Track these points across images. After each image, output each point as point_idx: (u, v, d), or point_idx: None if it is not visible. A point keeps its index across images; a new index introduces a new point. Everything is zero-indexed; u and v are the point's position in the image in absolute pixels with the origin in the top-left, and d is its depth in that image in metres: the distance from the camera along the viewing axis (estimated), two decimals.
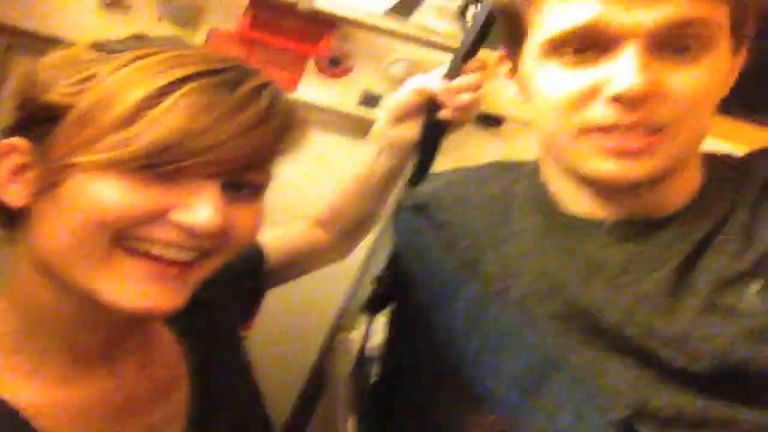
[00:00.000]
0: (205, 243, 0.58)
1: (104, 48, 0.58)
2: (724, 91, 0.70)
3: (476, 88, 0.92)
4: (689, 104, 0.62)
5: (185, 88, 0.53)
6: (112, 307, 0.55)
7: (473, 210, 0.84)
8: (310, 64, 1.25)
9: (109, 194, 0.53)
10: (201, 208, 0.55)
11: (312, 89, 1.26)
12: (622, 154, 0.63)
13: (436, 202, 0.87)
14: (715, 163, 0.73)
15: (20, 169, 0.57)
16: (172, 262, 0.56)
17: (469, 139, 1.32)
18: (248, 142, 0.56)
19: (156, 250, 0.55)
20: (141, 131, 0.52)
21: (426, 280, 0.85)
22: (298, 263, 1.00)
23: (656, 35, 0.61)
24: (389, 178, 0.98)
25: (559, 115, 0.67)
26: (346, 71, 1.26)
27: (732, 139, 1.11)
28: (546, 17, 0.66)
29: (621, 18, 0.61)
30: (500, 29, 0.76)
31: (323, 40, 1.20)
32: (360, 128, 1.18)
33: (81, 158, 0.53)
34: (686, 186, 0.70)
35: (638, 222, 0.70)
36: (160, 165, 0.53)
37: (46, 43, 1.16)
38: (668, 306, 0.66)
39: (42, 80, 0.56)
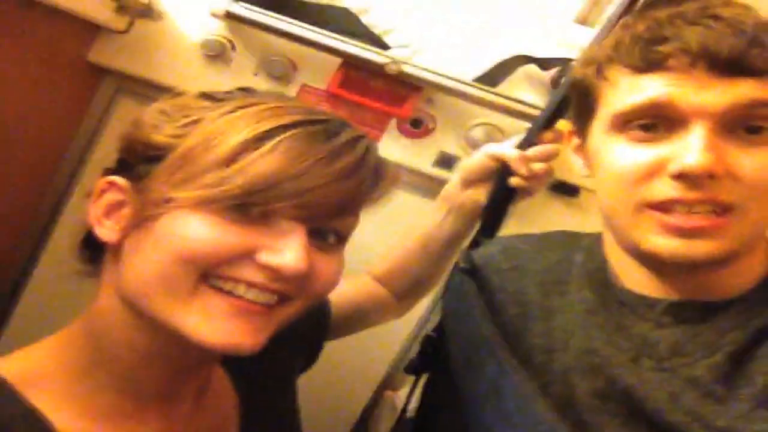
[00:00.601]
0: (288, 287, 0.59)
1: (212, 97, 0.63)
2: None
3: (549, 158, 0.94)
4: (758, 186, 0.62)
5: (284, 135, 0.56)
6: (197, 343, 0.56)
7: (528, 278, 0.84)
8: (392, 123, 1.30)
9: (200, 231, 0.55)
10: (288, 251, 0.57)
11: (391, 147, 1.31)
12: (682, 232, 0.63)
13: (491, 266, 0.88)
14: None
15: (117, 206, 0.61)
16: (253, 303, 0.58)
17: (544, 207, 1.33)
18: (340, 190, 0.58)
19: (240, 290, 0.57)
20: (238, 172, 0.55)
21: (463, 344, 0.84)
22: (360, 318, 1.00)
23: (725, 117, 0.61)
24: (453, 240, 1.00)
25: (621, 189, 0.67)
26: (426, 132, 1.30)
27: None
28: (618, 92, 0.67)
29: (691, 98, 0.62)
30: (573, 104, 0.79)
31: (407, 102, 1.24)
32: (433, 189, 1.20)
33: (178, 194, 0.56)
34: (749, 270, 0.69)
35: (695, 304, 0.69)
36: (252, 205, 0.56)
37: (152, 88, 1.28)
38: (720, 394, 0.63)
39: (150, 122, 0.60)
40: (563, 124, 0.93)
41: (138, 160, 0.60)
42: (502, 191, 0.96)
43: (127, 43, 1.27)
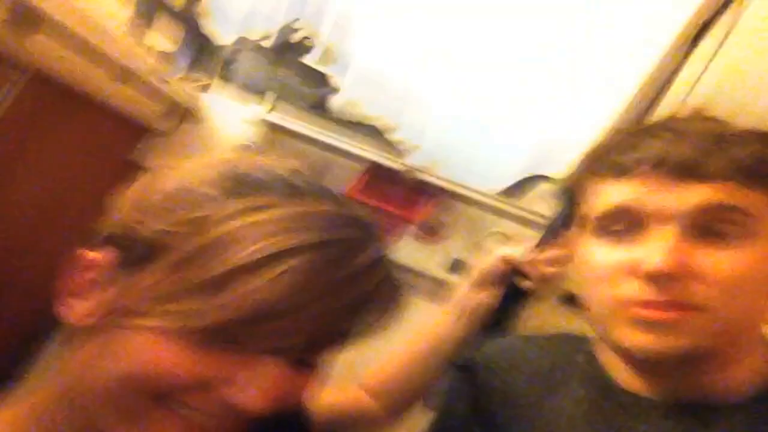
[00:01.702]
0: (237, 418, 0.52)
1: (224, 185, 0.52)
2: None
3: (560, 262, 0.97)
4: (726, 287, 0.63)
5: (293, 262, 0.48)
6: None
7: (525, 378, 0.84)
8: (408, 230, 1.37)
9: (166, 356, 0.48)
10: (252, 390, 0.50)
11: (404, 251, 1.37)
12: (653, 326, 0.64)
13: (490, 365, 0.88)
14: None
15: (93, 287, 0.53)
16: (210, 425, 0.51)
17: (556, 318, 1.35)
18: (336, 326, 0.51)
19: (195, 416, 0.51)
20: (229, 302, 0.47)
21: None
22: (342, 428, 0.93)
23: (691, 220, 0.64)
24: (463, 345, 0.98)
25: (600, 289, 0.69)
26: (441, 238, 1.36)
27: None
28: (595, 199, 0.72)
29: (656, 201, 0.66)
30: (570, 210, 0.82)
31: (424, 207, 1.32)
32: (446, 294, 1.24)
33: (154, 310, 0.48)
34: (749, 374, 0.69)
35: (696, 406, 0.69)
36: (231, 339, 0.48)
37: None
38: None
39: (152, 208, 0.52)
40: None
41: (131, 247, 0.52)
42: (513, 294, 0.99)
43: (169, 145, 1.37)
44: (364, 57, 1.58)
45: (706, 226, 0.64)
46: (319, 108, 1.48)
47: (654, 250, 0.64)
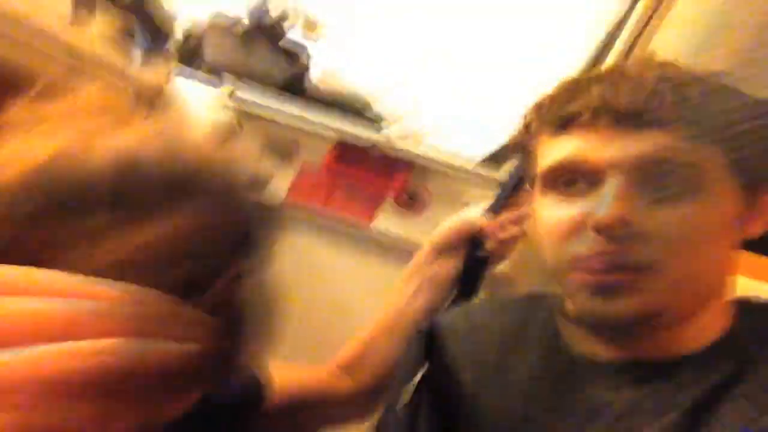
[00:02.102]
0: None
1: None
2: (746, 232, 0.68)
3: (521, 221, 0.95)
4: (674, 244, 0.62)
5: None
6: None
7: (487, 338, 0.83)
8: (388, 200, 1.36)
9: None
10: None
11: (386, 221, 1.36)
12: (603, 290, 0.63)
13: (451, 329, 0.85)
14: (750, 309, 0.70)
15: None
16: None
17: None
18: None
19: None
20: None
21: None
22: (310, 411, 0.90)
23: (636, 171, 0.62)
24: (426, 316, 0.95)
25: (553, 246, 0.68)
26: (421, 208, 1.35)
27: None
28: (542, 153, 0.70)
29: (600, 153, 0.63)
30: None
31: (400, 177, 1.31)
32: None
33: None
34: (705, 329, 0.67)
35: (647, 364, 0.67)
36: None
37: None
38: None
39: None
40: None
41: None
42: (475, 258, 0.97)
43: None
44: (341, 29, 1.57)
45: (652, 178, 0.62)
46: (293, 89, 1.47)
47: (598, 202, 0.62)
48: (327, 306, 1.39)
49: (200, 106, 1.37)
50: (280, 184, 1.38)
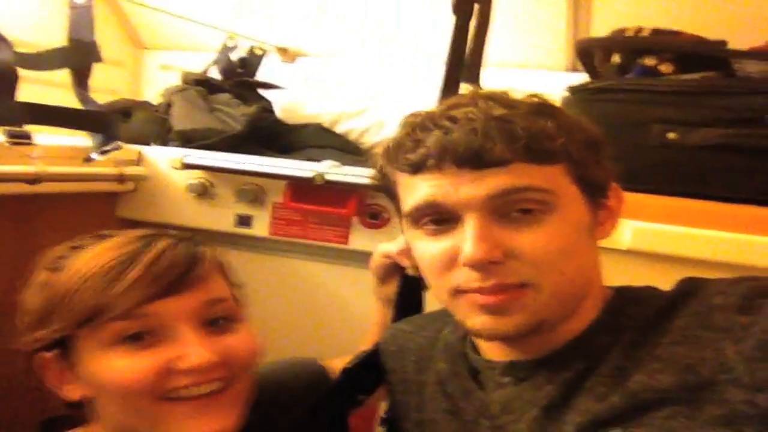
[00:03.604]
0: (216, 374, 0.72)
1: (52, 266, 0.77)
2: (599, 235, 0.74)
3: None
4: (543, 263, 0.67)
5: (95, 272, 0.71)
6: None
7: (407, 357, 0.93)
8: (355, 221, 1.45)
9: (118, 368, 0.69)
10: (192, 352, 0.70)
11: (360, 240, 1.45)
12: (488, 309, 0.69)
13: (384, 350, 0.98)
14: (622, 299, 0.75)
15: (62, 374, 0.75)
16: (206, 396, 0.70)
17: None
18: (162, 289, 0.71)
19: (190, 392, 0.70)
20: (76, 305, 0.70)
21: None
22: None
23: (488, 206, 0.67)
24: None
25: (433, 279, 0.74)
26: (384, 222, 1.43)
27: None
28: (402, 192, 0.75)
29: (451, 196, 0.68)
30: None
31: (352, 201, 1.40)
32: None
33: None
34: (572, 326, 0.73)
35: (526, 363, 0.75)
36: (133, 337, 0.70)
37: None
38: None
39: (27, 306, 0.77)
40: None
41: (60, 344, 0.74)
42: (406, 283, 1.06)
43: (137, 198, 1.59)
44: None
45: (509, 208, 0.68)
46: (257, 126, 1.59)
47: (464, 239, 0.67)
48: (318, 313, 1.54)
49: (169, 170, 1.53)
50: (261, 222, 1.51)
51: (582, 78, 1.45)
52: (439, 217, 0.71)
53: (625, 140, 1.16)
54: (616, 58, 1.37)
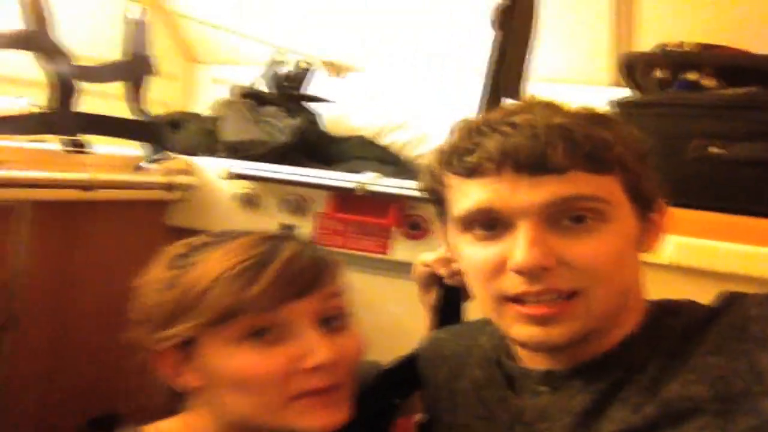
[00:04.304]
0: (335, 371, 0.75)
1: (178, 262, 0.80)
2: (643, 248, 0.75)
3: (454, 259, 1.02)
4: (594, 272, 0.67)
5: (230, 273, 0.73)
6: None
7: (444, 365, 0.94)
8: (395, 231, 1.48)
9: (249, 364, 0.73)
10: (317, 350, 0.73)
11: (400, 250, 1.48)
12: (536, 320, 0.69)
13: (422, 358, 1.00)
14: (660, 312, 0.76)
15: (178, 365, 0.78)
16: (327, 390, 0.74)
17: None
18: (293, 292, 0.74)
19: (312, 387, 0.74)
20: (210, 304, 0.73)
21: None
22: None
23: (543, 213, 0.67)
24: None
25: (478, 285, 0.74)
26: (424, 233, 1.45)
27: None
28: (453, 197, 0.74)
29: (508, 201, 0.68)
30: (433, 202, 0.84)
31: (393, 211, 1.43)
32: None
33: (180, 329, 0.74)
34: (611, 337, 0.74)
35: (561, 372, 0.75)
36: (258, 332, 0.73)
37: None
38: None
39: (149, 292, 0.79)
40: None
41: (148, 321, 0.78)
42: (443, 292, 1.08)
43: (185, 207, 1.64)
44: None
45: (563, 216, 0.68)
46: (302, 138, 1.63)
47: (516, 246, 0.67)
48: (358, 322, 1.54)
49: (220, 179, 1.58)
50: (306, 231, 1.55)
51: (624, 93, 1.45)
52: (490, 223, 0.71)
53: (665, 154, 1.16)
54: (657, 73, 1.37)
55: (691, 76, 1.31)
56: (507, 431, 0.78)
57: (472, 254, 0.73)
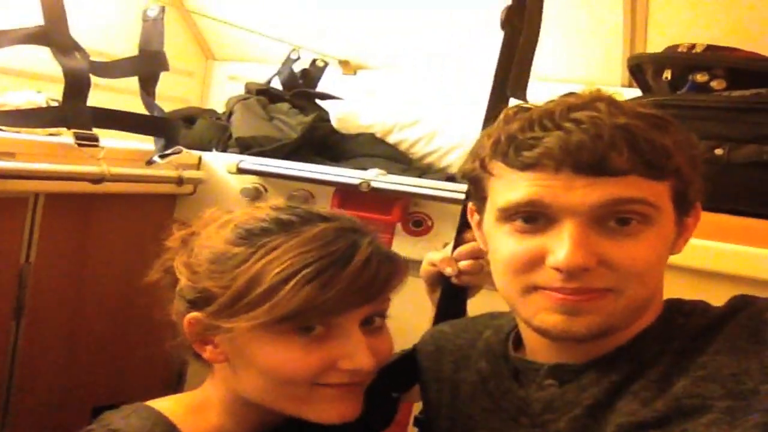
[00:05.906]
0: (368, 375, 0.78)
1: (247, 240, 0.76)
2: (673, 251, 0.75)
3: (474, 255, 1.03)
4: (631, 274, 0.67)
5: (299, 278, 0.71)
6: (316, 422, 0.76)
7: (445, 357, 0.95)
8: (398, 228, 1.49)
9: (288, 358, 0.73)
10: (359, 356, 0.74)
11: (403, 247, 1.48)
12: (564, 309, 0.69)
13: (422, 350, 1.00)
14: (673, 310, 0.76)
15: (204, 336, 0.78)
16: (352, 386, 0.77)
17: None
18: (363, 299, 0.75)
19: (345, 382, 0.76)
20: (279, 303, 0.70)
21: None
22: None
23: (592, 213, 0.67)
24: None
25: (508, 275, 0.73)
26: (427, 230, 1.46)
27: None
28: (500, 187, 0.73)
29: (560, 198, 0.67)
30: (470, 190, 0.84)
31: (397, 208, 1.44)
32: None
33: (241, 324, 0.72)
34: (624, 333, 0.73)
35: (570, 366, 0.75)
36: (303, 325, 0.72)
37: None
38: None
39: (206, 274, 0.76)
40: None
41: (207, 303, 0.76)
42: (449, 291, 1.09)
43: (195, 201, 1.67)
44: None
45: (610, 217, 0.67)
46: (312, 135, 1.65)
47: (560, 244, 0.67)
48: None
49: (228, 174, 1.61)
50: None
51: (635, 94, 1.44)
52: (534, 216, 0.70)
53: None
54: (667, 74, 1.36)
55: (701, 77, 1.30)
56: (512, 423, 0.78)
57: (509, 245, 0.72)
